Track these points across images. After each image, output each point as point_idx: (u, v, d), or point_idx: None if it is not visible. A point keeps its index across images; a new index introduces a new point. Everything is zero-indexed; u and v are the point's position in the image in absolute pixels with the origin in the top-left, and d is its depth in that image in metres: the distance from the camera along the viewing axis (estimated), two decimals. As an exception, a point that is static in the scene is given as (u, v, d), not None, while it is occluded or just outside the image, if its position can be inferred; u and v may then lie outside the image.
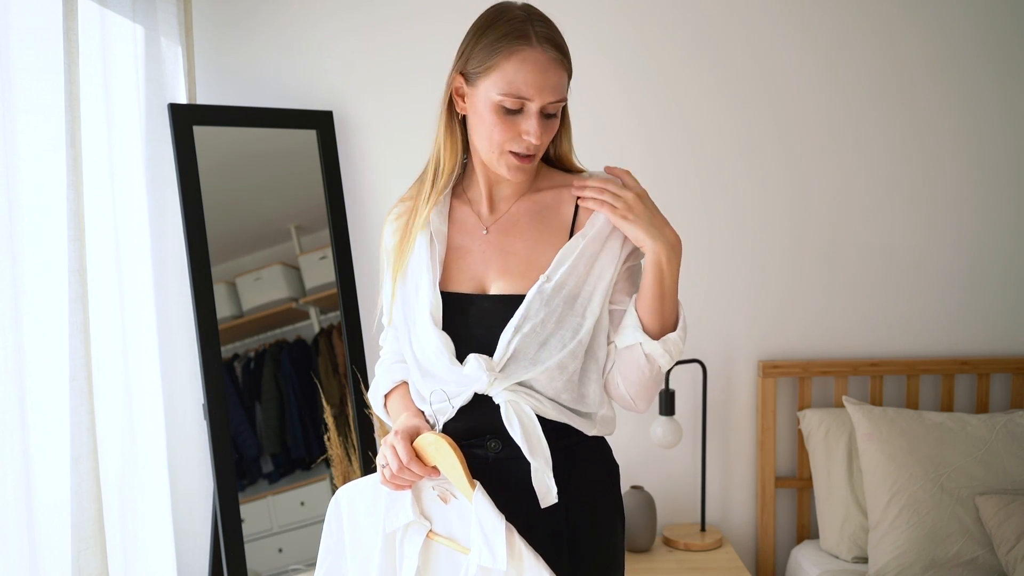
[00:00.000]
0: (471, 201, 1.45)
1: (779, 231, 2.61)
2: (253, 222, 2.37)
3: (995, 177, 2.61)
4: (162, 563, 2.15)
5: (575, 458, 1.40)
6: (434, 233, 1.41)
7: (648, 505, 2.47)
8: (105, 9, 1.97)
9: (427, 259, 1.40)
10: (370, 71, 2.53)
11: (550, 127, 1.34)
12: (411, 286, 1.42)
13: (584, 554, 1.40)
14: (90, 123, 1.86)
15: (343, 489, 1.41)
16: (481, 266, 1.40)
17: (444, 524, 1.31)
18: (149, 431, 2.12)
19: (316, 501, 2.36)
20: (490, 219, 1.43)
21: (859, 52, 2.57)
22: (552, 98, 1.31)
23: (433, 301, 1.37)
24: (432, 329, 1.36)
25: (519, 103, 1.30)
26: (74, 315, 1.63)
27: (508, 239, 1.41)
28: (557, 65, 1.31)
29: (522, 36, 1.30)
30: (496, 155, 1.35)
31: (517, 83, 1.29)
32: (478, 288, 1.39)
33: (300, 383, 2.39)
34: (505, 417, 1.32)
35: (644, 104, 2.56)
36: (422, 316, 1.38)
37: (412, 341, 1.40)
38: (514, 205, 1.43)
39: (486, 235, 1.42)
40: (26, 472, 1.57)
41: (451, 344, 1.35)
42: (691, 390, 2.62)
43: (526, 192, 1.44)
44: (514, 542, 1.20)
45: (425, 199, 1.41)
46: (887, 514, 2.27)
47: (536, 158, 1.36)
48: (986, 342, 2.64)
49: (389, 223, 1.48)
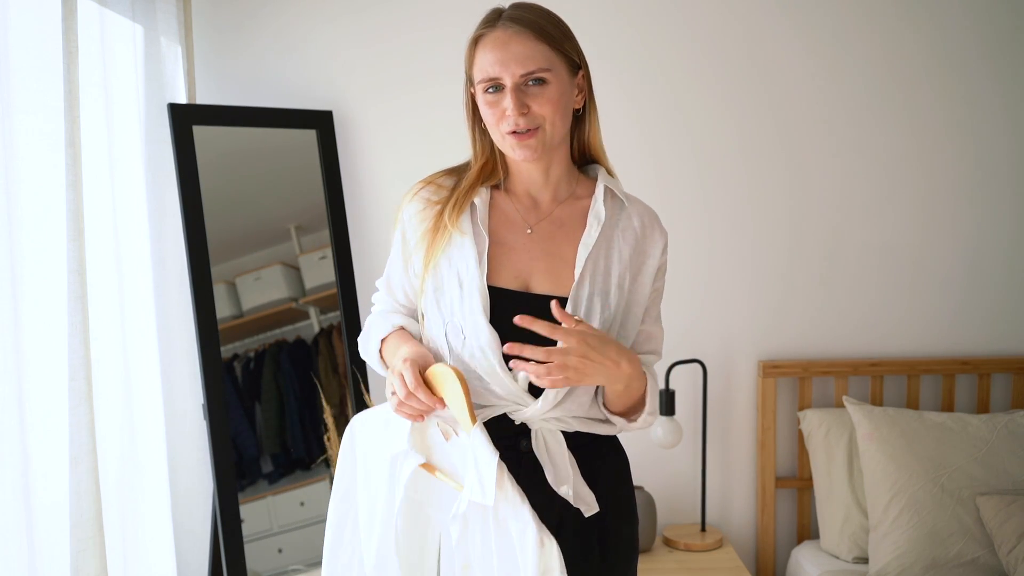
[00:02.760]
0: (514, 198, 1.45)
1: (779, 231, 2.61)
2: (253, 222, 2.37)
3: (996, 177, 2.61)
4: (162, 563, 2.15)
5: (597, 452, 1.44)
6: (481, 224, 1.39)
7: (648, 505, 2.47)
8: (104, 9, 1.97)
9: (473, 251, 1.37)
10: (370, 71, 2.53)
11: (540, 99, 1.33)
12: (449, 277, 1.38)
13: (612, 545, 1.42)
14: (89, 123, 1.85)
15: (357, 417, 1.42)
16: (526, 264, 1.40)
17: (446, 460, 1.31)
18: (149, 431, 2.12)
19: (316, 501, 2.36)
20: (534, 218, 1.43)
21: (859, 52, 2.56)
22: (520, 69, 1.32)
23: (483, 295, 1.35)
24: (484, 325, 1.34)
25: (493, 83, 1.33)
26: (73, 315, 1.63)
27: (553, 242, 1.41)
28: (521, 36, 1.32)
29: (488, 23, 1.36)
30: (500, 139, 1.37)
31: (484, 66, 1.34)
32: (522, 286, 1.39)
33: (300, 383, 2.39)
34: (535, 445, 1.36)
35: (644, 104, 2.56)
36: (472, 310, 1.35)
37: (450, 333, 1.37)
38: (557, 208, 1.43)
39: (530, 234, 1.42)
40: (25, 472, 1.57)
41: (498, 343, 1.33)
42: (691, 390, 2.62)
43: (567, 198, 1.44)
44: (503, 480, 1.20)
45: (468, 189, 1.41)
46: (887, 514, 2.27)
47: (540, 135, 1.34)
48: (986, 342, 2.63)
49: (415, 202, 1.44)
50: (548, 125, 1.34)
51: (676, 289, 2.60)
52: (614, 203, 1.44)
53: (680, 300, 2.60)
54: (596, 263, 1.39)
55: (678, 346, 2.58)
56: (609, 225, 1.42)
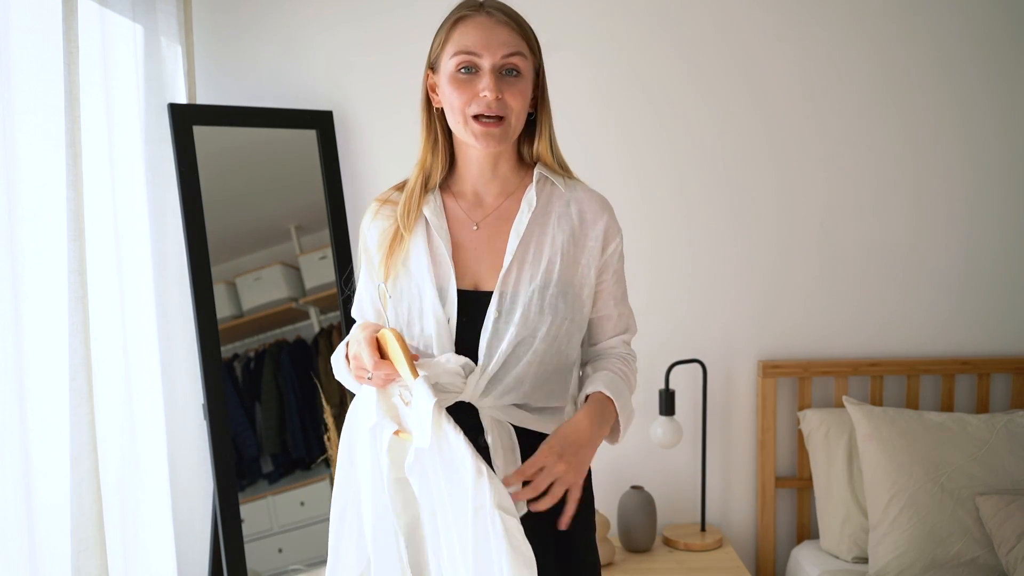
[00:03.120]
0: (457, 197, 1.46)
1: (780, 231, 2.61)
2: (253, 222, 2.37)
3: (996, 177, 2.61)
4: (162, 563, 2.15)
5: None
6: (435, 229, 1.41)
7: (648, 505, 2.47)
8: (105, 9, 1.97)
9: (427, 256, 1.40)
10: (370, 71, 2.53)
11: (512, 90, 1.35)
12: (410, 284, 1.41)
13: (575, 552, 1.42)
14: (90, 123, 1.85)
15: (356, 397, 1.45)
16: (474, 262, 1.41)
17: (408, 423, 1.34)
18: (149, 431, 2.12)
19: (316, 501, 2.36)
20: (479, 215, 1.44)
21: (859, 52, 2.57)
22: (502, 52, 1.34)
23: (449, 300, 1.38)
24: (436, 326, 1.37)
25: (470, 61, 1.35)
26: (74, 315, 1.63)
27: (499, 237, 1.42)
28: (505, 26, 1.36)
29: (470, 7, 1.38)
30: (463, 124, 1.37)
31: (466, 43, 1.35)
32: (472, 284, 1.40)
33: (300, 383, 2.39)
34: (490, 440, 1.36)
35: (644, 104, 2.56)
36: (427, 315, 1.38)
37: (414, 337, 1.41)
38: (503, 203, 1.44)
39: (476, 231, 1.43)
40: (26, 472, 1.57)
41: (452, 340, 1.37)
42: (691, 390, 2.62)
43: (514, 190, 1.45)
44: (441, 422, 1.24)
45: (416, 196, 1.43)
46: (887, 514, 2.27)
47: (505, 125, 1.36)
48: (986, 342, 2.64)
49: (373, 223, 1.47)
50: (514, 118, 1.37)
51: (676, 289, 2.61)
52: (552, 191, 1.45)
53: (680, 300, 2.60)
54: (526, 249, 1.40)
55: (678, 346, 2.58)
56: (543, 212, 1.43)
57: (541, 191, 1.44)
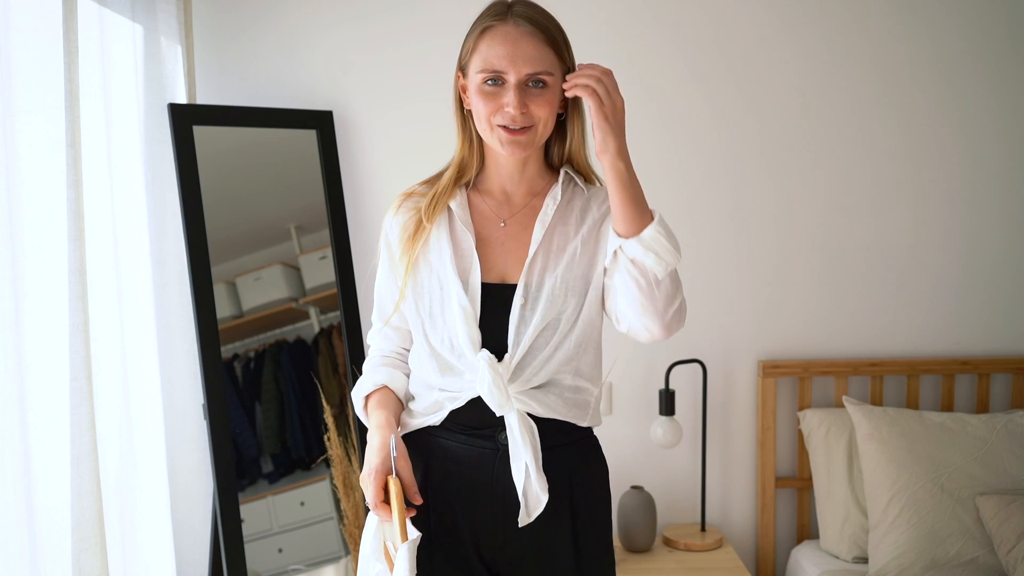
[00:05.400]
0: (485, 195, 1.48)
1: (780, 231, 2.61)
2: (253, 222, 2.37)
3: (995, 177, 2.61)
4: (162, 563, 2.15)
5: (574, 460, 1.44)
6: (460, 220, 1.43)
7: (648, 505, 2.47)
8: (104, 8, 1.97)
9: (449, 247, 1.41)
10: (370, 71, 2.53)
11: (539, 100, 1.36)
12: (429, 277, 1.42)
13: (590, 554, 1.42)
14: (90, 123, 1.86)
15: None
16: (501, 257, 1.42)
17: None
18: (149, 431, 2.12)
19: (316, 501, 2.36)
20: (507, 212, 1.46)
21: (859, 52, 2.57)
22: (527, 69, 1.34)
23: (472, 291, 1.38)
24: (462, 320, 1.37)
25: (496, 76, 1.35)
26: (74, 315, 1.63)
27: (526, 232, 1.43)
28: (531, 37, 1.35)
29: (497, 16, 1.37)
30: (489, 132, 1.38)
31: (491, 58, 1.35)
32: (499, 278, 1.41)
33: (300, 383, 2.39)
34: (510, 438, 1.36)
35: (646, 104, 2.56)
36: (451, 306, 1.39)
37: (429, 333, 1.41)
38: (531, 201, 1.46)
39: (504, 227, 1.44)
40: (26, 472, 1.57)
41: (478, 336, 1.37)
42: (691, 390, 2.62)
43: (542, 190, 1.47)
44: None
45: (445, 190, 1.44)
46: (887, 514, 2.27)
47: (531, 133, 1.37)
48: (986, 342, 2.64)
49: (397, 216, 1.48)
50: (541, 126, 1.38)
51: (676, 289, 2.60)
52: (574, 190, 1.48)
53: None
54: (551, 240, 1.42)
55: (678, 346, 2.58)
56: (566, 205, 1.45)
57: (566, 189, 1.47)
